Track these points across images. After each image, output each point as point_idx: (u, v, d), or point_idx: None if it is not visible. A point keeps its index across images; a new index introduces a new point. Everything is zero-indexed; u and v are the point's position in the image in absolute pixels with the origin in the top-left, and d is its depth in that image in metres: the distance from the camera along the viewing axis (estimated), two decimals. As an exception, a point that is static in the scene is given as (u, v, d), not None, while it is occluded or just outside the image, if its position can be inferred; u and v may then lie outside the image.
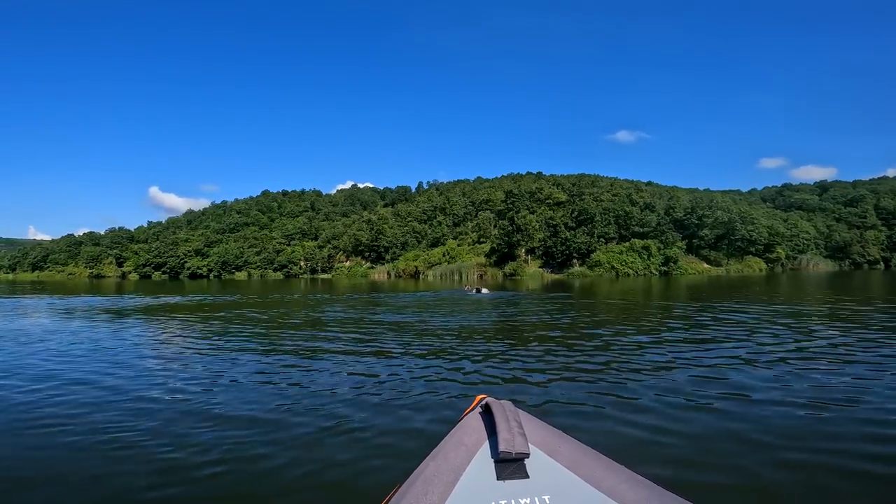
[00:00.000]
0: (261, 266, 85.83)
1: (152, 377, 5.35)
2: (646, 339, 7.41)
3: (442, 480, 1.23)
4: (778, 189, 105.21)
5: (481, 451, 1.32)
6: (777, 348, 6.47)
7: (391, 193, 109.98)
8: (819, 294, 17.74)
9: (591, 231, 59.99)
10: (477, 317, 11.44)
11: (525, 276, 53.88)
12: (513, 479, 1.22)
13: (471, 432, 1.40)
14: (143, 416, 3.90)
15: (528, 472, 1.24)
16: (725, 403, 3.99)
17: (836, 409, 3.82)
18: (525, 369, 5.46)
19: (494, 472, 1.25)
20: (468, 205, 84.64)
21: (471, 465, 1.28)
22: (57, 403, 4.32)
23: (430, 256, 69.74)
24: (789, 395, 4.24)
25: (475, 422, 1.44)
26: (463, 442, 1.36)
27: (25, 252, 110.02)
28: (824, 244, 77.82)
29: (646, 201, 64.50)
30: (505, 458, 1.25)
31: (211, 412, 3.95)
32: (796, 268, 68.47)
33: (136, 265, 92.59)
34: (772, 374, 5.00)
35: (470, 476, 1.24)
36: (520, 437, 1.28)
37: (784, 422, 3.55)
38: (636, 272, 53.95)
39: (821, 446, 3.07)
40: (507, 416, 1.38)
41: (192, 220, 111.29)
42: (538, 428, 1.42)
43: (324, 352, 6.81)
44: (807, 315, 10.65)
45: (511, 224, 62.77)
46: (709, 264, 61.09)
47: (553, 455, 1.30)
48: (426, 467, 1.29)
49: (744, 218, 62.02)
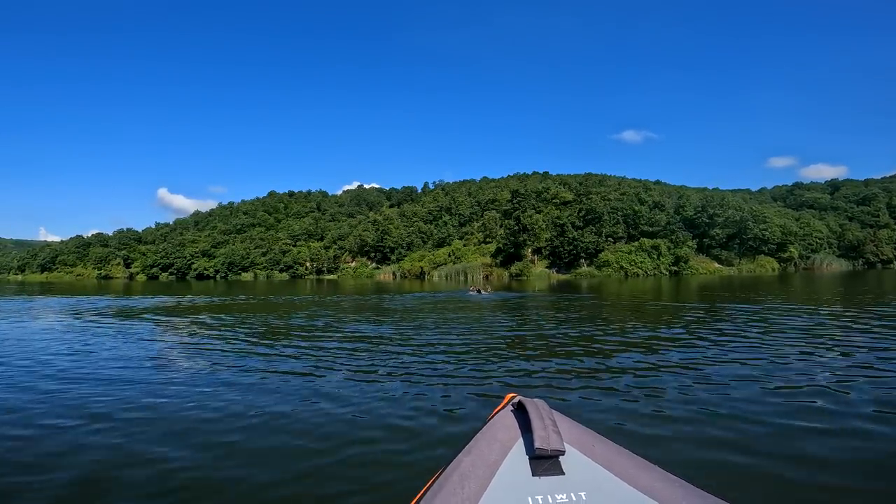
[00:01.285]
0: (267, 267, 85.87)
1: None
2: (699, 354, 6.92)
3: (477, 475, 1.23)
4: (788, 188, 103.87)
5: (516, 448, 1.32)
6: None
7: (397, 194, 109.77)
8: (851, 295, 17.05)
9: (599, 230, 59.17)
10: (483, 325, 10.99)
11: (531, 277, 53.30)
12: (548, 475, 1.23)
13: (504, 429, 1.39)
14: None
15: (563, 468, 1.25)
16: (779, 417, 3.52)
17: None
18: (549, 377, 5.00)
19: (529, 469, 1.25)
20: (474, 205, 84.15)
21: (506, 460, 1.28)
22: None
23: (436, 257, 69.34)
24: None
25: (507, 419, 1.43)
26: (497, 438, 1.36)
27: (34, 253, 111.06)
28: (837, 243, 76.47)
29: (655, 200, 63.60)
30: (540, 454, 1.26)
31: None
32: (809, 267, 67.20)
33: (144, 266, 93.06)
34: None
35: (505, 471, 1.24)
36: (555, 435, 1.29)
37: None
38: (645, 272, 53.04)
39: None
40: (542, 413, 1.37)
41: (199, 221, 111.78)
42: (572, 427, 1.41)
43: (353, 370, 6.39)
44: (855, 318, 10.09)
45: (517, 223, 62.17)
46: (720, 264, 60.09)
47: (588, 453, 1.30)
48: (461, 462, 1.28)
49: (756, 216, 60.91)
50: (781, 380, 4.58)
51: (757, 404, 3.79)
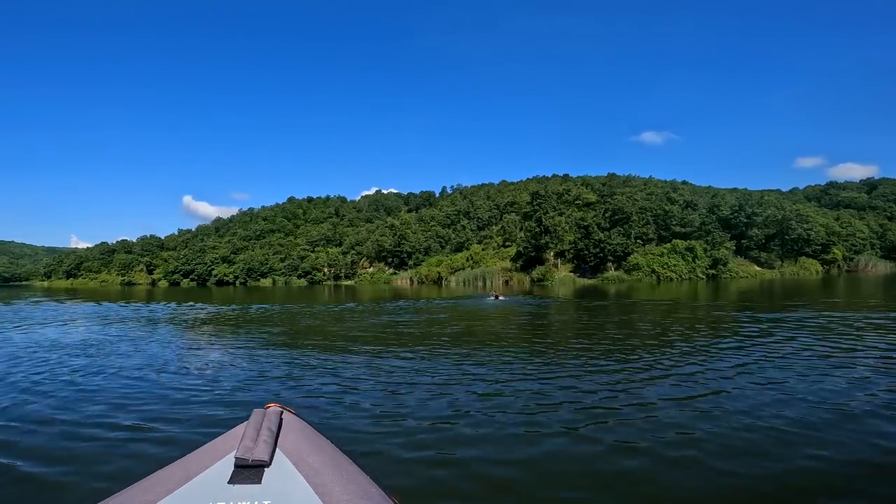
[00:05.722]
0: (285, 273, 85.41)
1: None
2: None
3: (170, 481, 1.26)
4: (822, 188, 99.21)
5: (228, 457, 1.33)
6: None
7: (415, 199, 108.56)
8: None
9: (628, 232, 56.19)
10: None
11: (554, 282, 50.93)
12: (245, 483, 1.25)
13: (231, 438, 1.41)
14: None
15: (263, 478, 1.27)
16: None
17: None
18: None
19: (230, 477, 1.28)
20: (492, 208, 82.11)
21: (212, 467, 1.30)
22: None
23: (454, 261, 67.49)
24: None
25: (239, 430, 1.43)
26: (214, 447, 1.39)
27: (60, 260, 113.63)
28: (879, 244, 71.99)
29: (686, 199, 60.46)
30: (241, 463, 1.29)
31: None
32: (853, 269, 63.04)
33: (166, 272, 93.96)
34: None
35: (204, 478, 1.27)
36: (263, 445, 1.32)
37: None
38: (679, 276, 49.69)
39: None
40: (263, 424, 1.40)
41: (220, 228, 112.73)
42: (300, 437, 1.43)
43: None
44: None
45: (538, 225, 59.74)
46: (760, 266, 56.51)
47: (297, 464, 1.33)
48: (160, 471, 1.32)
49: (800, 216, 57.21)
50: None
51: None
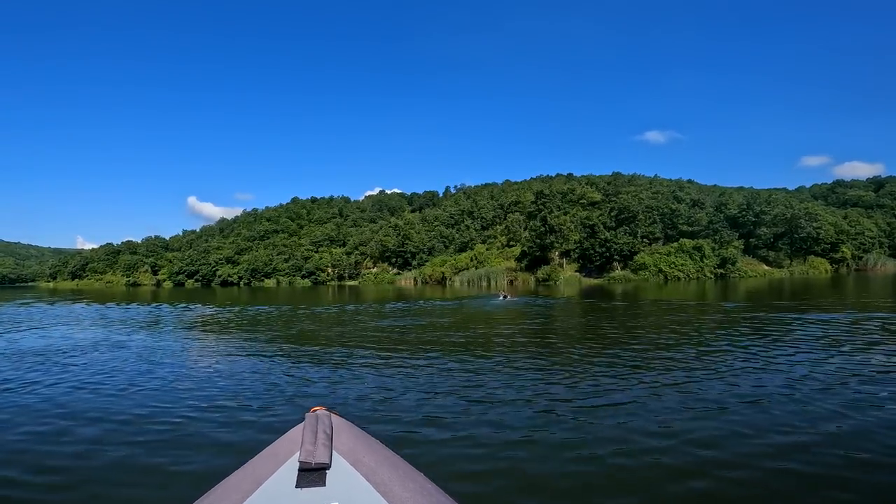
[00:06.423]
0: (289, 273, 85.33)
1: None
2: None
3: (241, 488, 1.30)
4: (829, 186, 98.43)
5: (291, 461, 1.38)
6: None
7: (419, 199, 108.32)
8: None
9: (634, 231, 55.69)
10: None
11: (560, 282, 50.53)
12: (311, 486, 1.30)
13: (287, 443, 1.46)
14: None
15: (326, 480, 1.32)
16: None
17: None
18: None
19: (296, 481, 1.33)
20: (496, 207, 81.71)
21: (276, 473, 1.35)
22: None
23: (458, 261, 67.17)
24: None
25: (295, 433, 1.48)
26: (275, 452, 1.43)
27: (65, 261, 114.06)
28: (888, 243, 71.22)
29: (693, 198, 59.90)
30: (304, 467, 1.34)
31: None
32: (862, 268, 62.33)
33: (170, 273, 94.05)
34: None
35: (272, 483, 1.32)
36: (322, 448, 1.37)
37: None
38: (687, 275, 49.17)
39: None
40: (318, 427, 1.45)
41: (224, 228, 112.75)
42: (352, 438, 1.49)
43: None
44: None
45: (543, 224, 59.34)
46: (768, 266, 55.85)
47: (355, 465, 1.38)
48: (230, 477, 1.37)
49: (809, 214, 56.52)
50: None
51: None
